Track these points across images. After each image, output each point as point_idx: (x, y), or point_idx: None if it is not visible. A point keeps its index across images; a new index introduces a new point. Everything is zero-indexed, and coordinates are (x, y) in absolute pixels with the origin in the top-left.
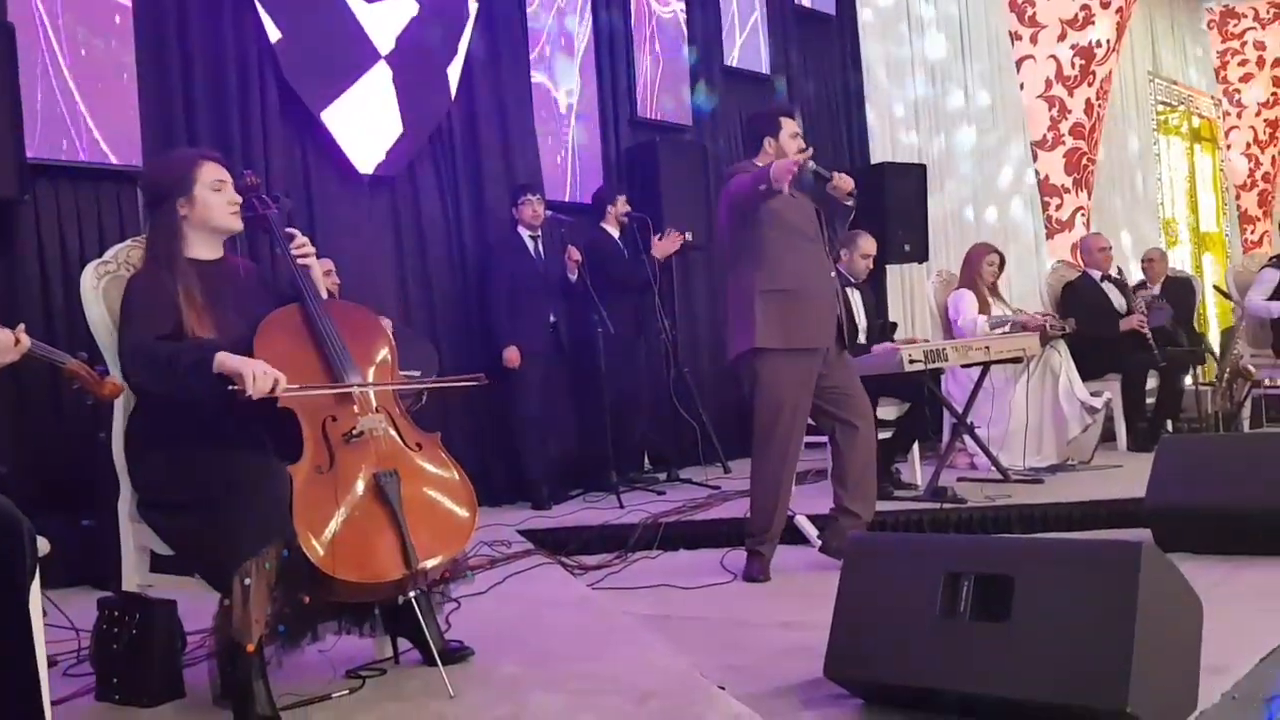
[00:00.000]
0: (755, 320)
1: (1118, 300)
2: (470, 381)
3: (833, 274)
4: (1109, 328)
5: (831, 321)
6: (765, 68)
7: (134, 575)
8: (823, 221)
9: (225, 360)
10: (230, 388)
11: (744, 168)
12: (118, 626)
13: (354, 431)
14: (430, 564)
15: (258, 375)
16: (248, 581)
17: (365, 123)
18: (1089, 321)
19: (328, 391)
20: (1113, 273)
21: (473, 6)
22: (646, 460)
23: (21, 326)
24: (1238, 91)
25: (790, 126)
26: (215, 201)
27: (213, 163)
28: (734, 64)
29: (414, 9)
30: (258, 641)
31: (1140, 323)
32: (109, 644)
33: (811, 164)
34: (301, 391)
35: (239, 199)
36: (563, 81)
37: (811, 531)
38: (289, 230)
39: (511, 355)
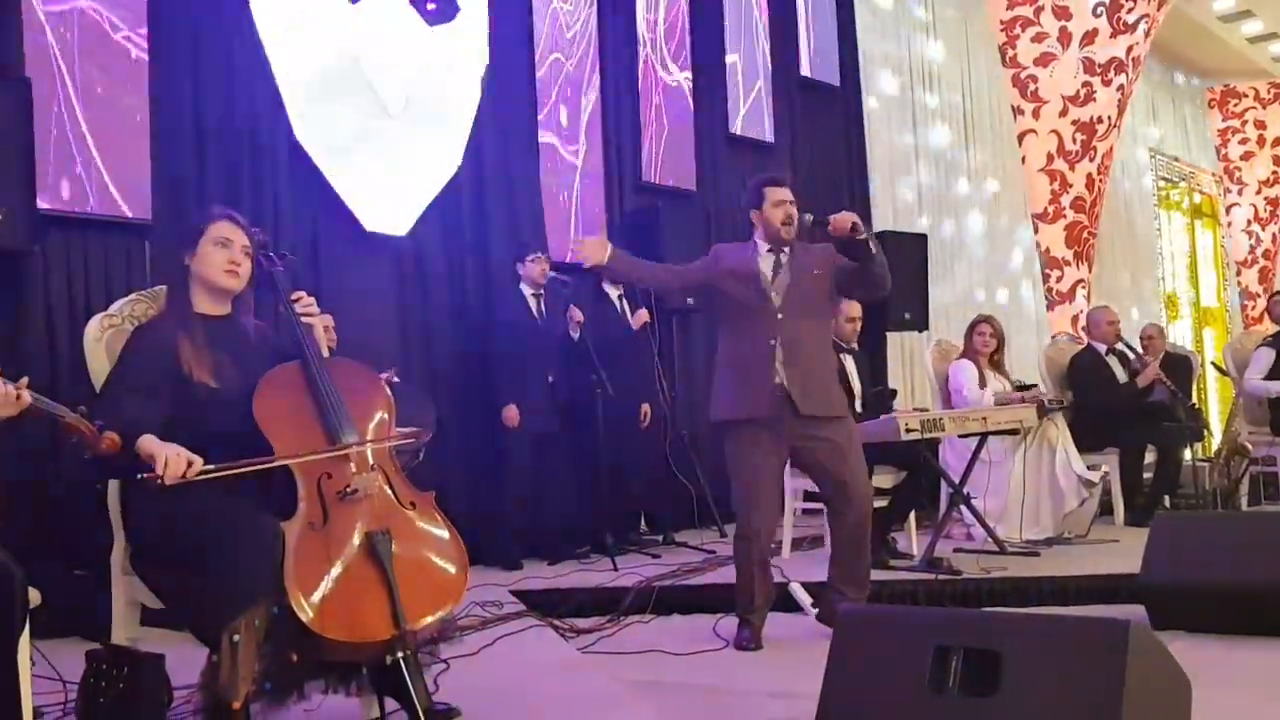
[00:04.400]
0: (713, 393)
1: (1122, 373)
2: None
3: (772, 341)
4: (1122, 390)
5: (763, 390)
6: (769, 136)
7: (124, 628)
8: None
9: (143, 444)
10: (140, 476)
11: (719, 250)
12: (105, 680)
13: (349, 489)
14: (419, 624)
15: (170, 460)
16: (236, 638)
17: (373, 181)
18: (1095, 394)
19: (248, 469)
20: (1119, 346)
21: (482, 69)
22: (643, 522)
23: (24, 381)
24: (1238, 169)
25: (774, 195)
26: (212, 257)
27: (227, 221)
28: (738, 132)
29: (426, 71)
30: (244, 699)
31: (1156, 373)
32: (96, 697)
33: (809, 216)
34: (218, 472)
35: (242, 262)
36: (568, 145)
37: (805, 599)
38: (296, 291)
39: (510, 414)
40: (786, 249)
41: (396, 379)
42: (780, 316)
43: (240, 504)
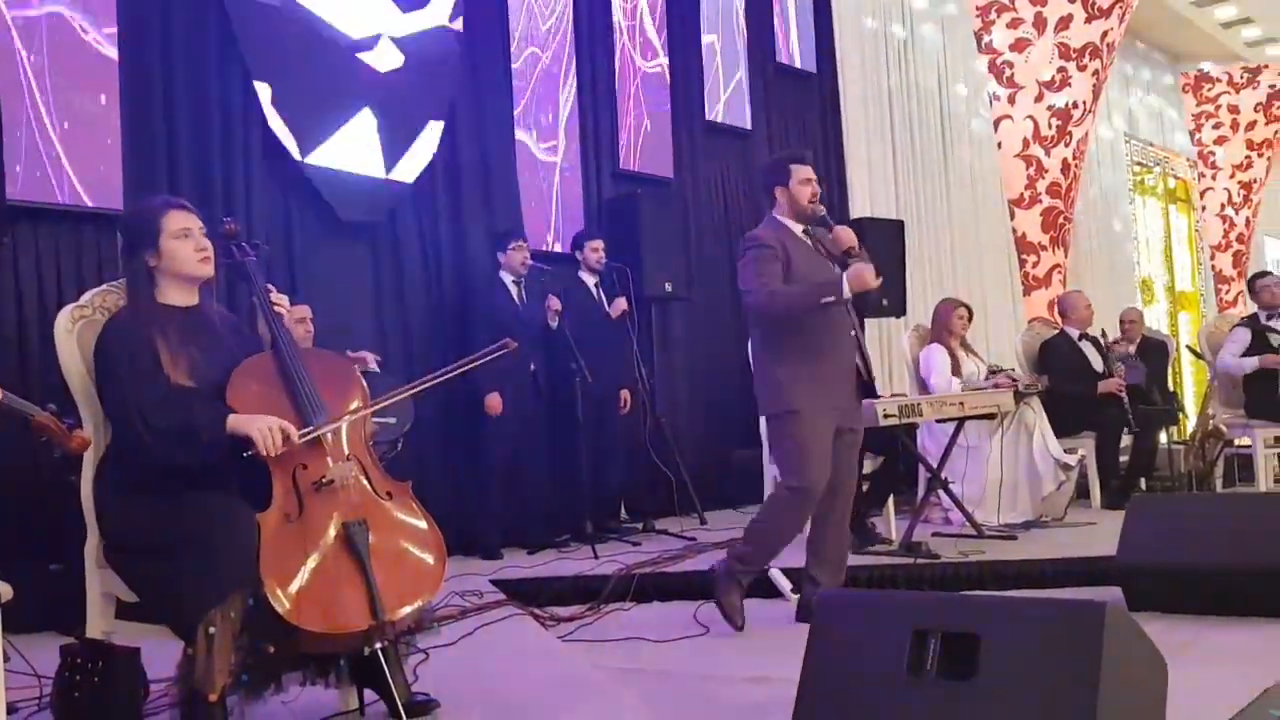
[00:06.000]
0: (779, 381)
1: (1095, 360)
2: (496, 351)
3: (854, 332)
4: (1086, 386)
5: (847, 379)
6: (747, 123)
7: (99, 622)
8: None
9: (234, 424)
10: (246, 453)
11: (756, 237)
12: (80, 674)
13: (324, 479)
14: (397, 615)
15: (264, 435)
16: (212, 630)
17: (348, 170)
18: (1066, 380)
19: (334, 426)
20: (1092, 331)
21: (458, 60)
22: (623, 510)
23: None
24: (1212, 153)
25: (801, 172)
26: (181, 251)
27: (178, 210)
28: (715, 119)
29: (399, 59)
30: (220, 691)
31: (1119, 386)
32: (70, 692)
33: (821, 208)
34: (315, 432)
35: (208, 245)
36: (545, 134)
37: (785, 585)
38: (267, 287)
39: (493, 402)
40: (814, 229)
41: (377, 367)
42: (848, 308)
43: (215, 495)
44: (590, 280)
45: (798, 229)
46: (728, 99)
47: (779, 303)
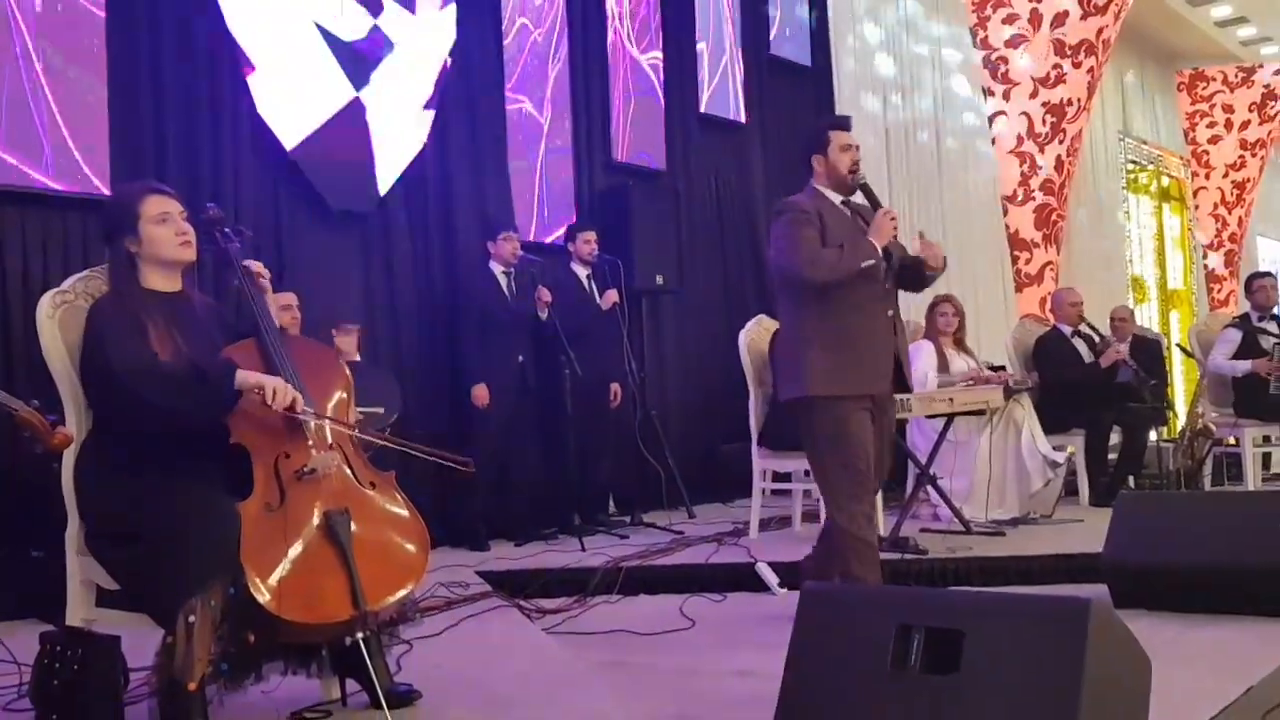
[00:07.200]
0: (801, 367)
1: (1087, 355)
2: (457, 463)
3: (890, 312)
4: (1088, 370)
5: (883, 365)
6: (740, 116)
7: (79, 609)
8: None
9: (244, 377)
10: (232, 441)
11: (793, 202)
12: (59, 662)
13: (306, 469)
14: (379, 605)
15: (278, 389)
16: (192, 619)
17: (337, 159)
18: (1060, 375)
19: (326, 419)
20: (1083, 328)
21: (449, 48)
22: (611, 503)
23: None
24: (1206, 153)
25: (840, 139)
26: (161, 235)
27: (156, 195)
28: (708, 111)
29: (390, 48)
30: (200, 680)
31: (1119, 353)
32: (49, 680)
33: (862, 176)
34: (313, 416)
35: (188, 230)
36: (537, 125)
37: (772, 579)
38: (245, 262)
39: (480, 393)
40: (855, 201)
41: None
42: (888, 285)
43: (196, 484)
44: (582, 272)
45: (836, 199)
46: (721, 91)
47: (821, 267)
